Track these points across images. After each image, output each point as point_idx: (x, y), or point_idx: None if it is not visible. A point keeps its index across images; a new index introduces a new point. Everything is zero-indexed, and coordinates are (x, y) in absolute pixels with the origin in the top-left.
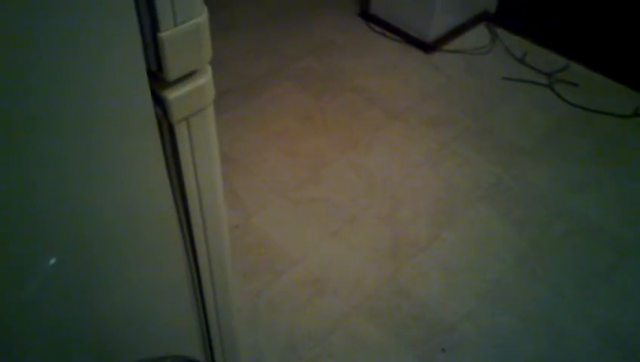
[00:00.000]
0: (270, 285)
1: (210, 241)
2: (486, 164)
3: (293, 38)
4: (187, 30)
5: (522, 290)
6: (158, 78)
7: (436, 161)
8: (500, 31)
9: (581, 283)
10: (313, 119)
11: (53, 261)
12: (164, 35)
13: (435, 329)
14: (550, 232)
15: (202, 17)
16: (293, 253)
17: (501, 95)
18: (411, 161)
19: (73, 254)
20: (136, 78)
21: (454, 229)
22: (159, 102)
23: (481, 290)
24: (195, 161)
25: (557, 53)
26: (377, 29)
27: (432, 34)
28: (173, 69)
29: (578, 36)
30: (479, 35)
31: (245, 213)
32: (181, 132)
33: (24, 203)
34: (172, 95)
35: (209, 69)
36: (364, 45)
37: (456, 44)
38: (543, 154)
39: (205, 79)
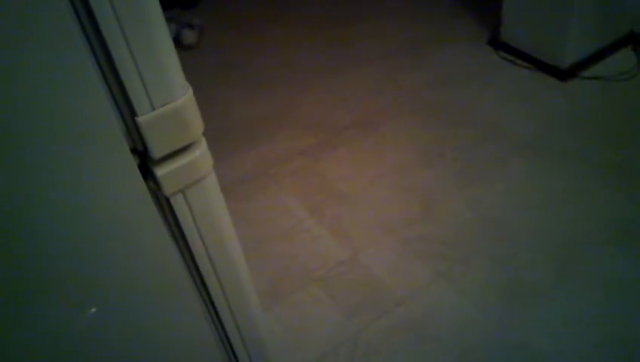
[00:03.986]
0: (371, 325)
1: (232, 301)
2: (621, 204)
3: (417, 71)
4: (166, 113)
5: None
6: (149, 155)
7: (563, 200)
8: None
9: None
10: (430, 153)
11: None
12: (141, 119)
13: None
14: None
15: (183, 100)
16: (398, 293)
17: None
18: (534, 198)
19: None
20: (122, 158)
21: (578, 277)
22: (153, 176)
23: (617, 347)
24: (200, 228)
25: None
26: (507, 56)
27: (567, 59)
28: (156, 148)
29: None
30: (623, 59)
31: (352, 249)
32: (178, 203)
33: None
34: (160, 171)
35: (202, 143)
36: (492, 74)
37: (595, 70)
38: None
39: (197, 154)
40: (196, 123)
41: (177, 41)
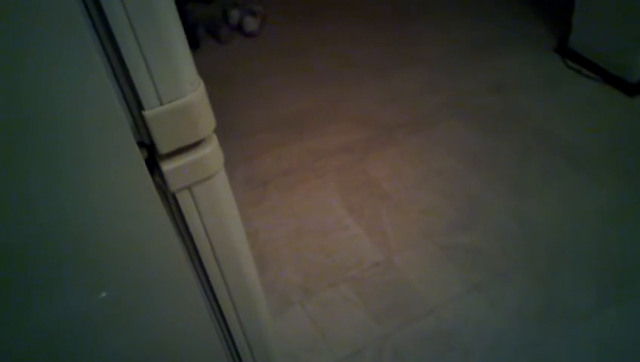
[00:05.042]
0: (399, 330)
1: (238, 303)
2: None
3: (477, 74)
4: (174, 109)
5: None
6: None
7: (617, 220)
8: None
9: None
10: (481, 160)
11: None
12: (148, 113)
13: None
14: None
15: (192, 96)
16: (431, 301)
17: None
18: (587, 216)
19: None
20: (128, 150)
21: (624, 304)
22: (160, 171)
23: None
24: (206, 227)
25: None
26: (574, 65)
27: (637, 74)
28: (163, 143)
29: None
30: None
31: (388, 251)
32: (184, 199)
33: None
34: (166, 166)
35: (212, 141)
36: (555, 83)
37: None
38: None
39: (206, 151)
40: (206, 120)
41: (240, 28)
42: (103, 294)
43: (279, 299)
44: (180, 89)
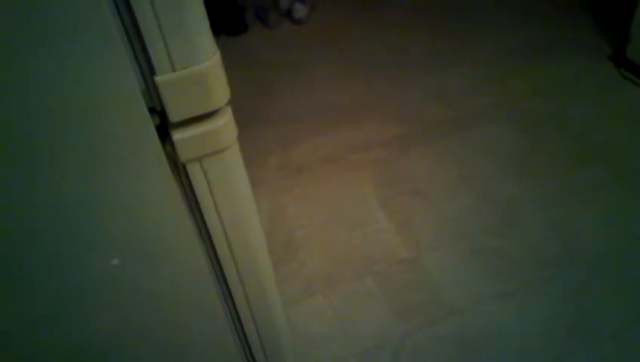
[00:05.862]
0: (421, 330)
1: (247, 282)
2: None
3: (526, 76)
4: (187, 76)
5: None
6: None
7: None
8: None
9: None
10: (520, 165)
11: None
12: (159, 79)
13: None
14: None
15: (207, 64)
16: (454, 304)
17: None
18: (630, 231)
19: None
20: (138, 114)
21: None
22: (171, 140)
23: None
24: (216, 201)
25: None
26: (629, 75)
27: None
28: (174, 111)
29: None
30: None
31: (417, 249)
32: (194, 172)
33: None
34: (177, 135)
35: (225, 113)
36: (607, 92)
37: None
38: None
39: (219, 123)
40: (220, 91)
41: (289, 14)
42: (115, 261)
43: (302, 287)
44: (194, 55)
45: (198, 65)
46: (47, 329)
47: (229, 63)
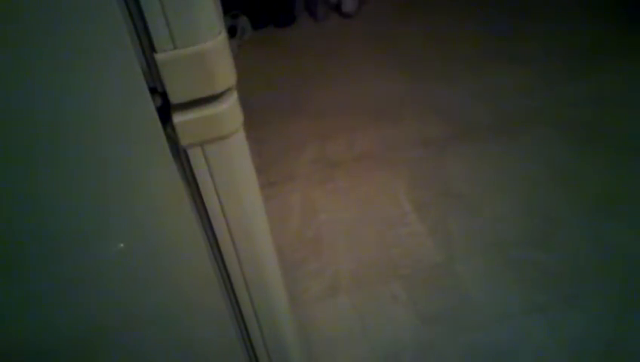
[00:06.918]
0: (446, 339)
1: (247, 274)
2: None
3: (577, 81)
4: (189, 55)
5: None
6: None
7: None
8: None
9: None
10: (565, 173)
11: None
12: (159, 56)
13: None
14: None
15: (210, 44)
16: (486, 314)
17: None
18: None
19: None
20: (138, 92)
21: None
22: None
23: None
24: (218, 190)
25: None
26: None
27: None
28: (174, 92)
29: None
30: None
31: (449, 255)
32: (196, 157)
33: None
34: (177, 118)
35: (230, 97)
36: None
37: None
38: None
39: (222, 107)
40: (224, 73)
41: (338, 7)
42: (121, 245)
43: (327, 285)
44: (196, 33)
45: (201, 44)
46: (50, 314)
47: (275, 54)
